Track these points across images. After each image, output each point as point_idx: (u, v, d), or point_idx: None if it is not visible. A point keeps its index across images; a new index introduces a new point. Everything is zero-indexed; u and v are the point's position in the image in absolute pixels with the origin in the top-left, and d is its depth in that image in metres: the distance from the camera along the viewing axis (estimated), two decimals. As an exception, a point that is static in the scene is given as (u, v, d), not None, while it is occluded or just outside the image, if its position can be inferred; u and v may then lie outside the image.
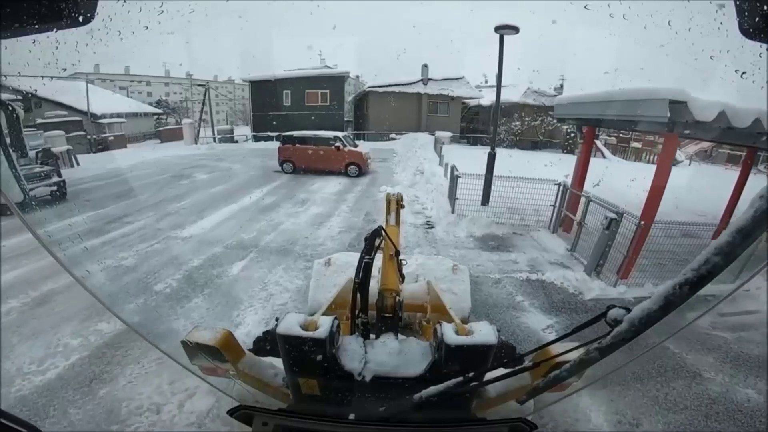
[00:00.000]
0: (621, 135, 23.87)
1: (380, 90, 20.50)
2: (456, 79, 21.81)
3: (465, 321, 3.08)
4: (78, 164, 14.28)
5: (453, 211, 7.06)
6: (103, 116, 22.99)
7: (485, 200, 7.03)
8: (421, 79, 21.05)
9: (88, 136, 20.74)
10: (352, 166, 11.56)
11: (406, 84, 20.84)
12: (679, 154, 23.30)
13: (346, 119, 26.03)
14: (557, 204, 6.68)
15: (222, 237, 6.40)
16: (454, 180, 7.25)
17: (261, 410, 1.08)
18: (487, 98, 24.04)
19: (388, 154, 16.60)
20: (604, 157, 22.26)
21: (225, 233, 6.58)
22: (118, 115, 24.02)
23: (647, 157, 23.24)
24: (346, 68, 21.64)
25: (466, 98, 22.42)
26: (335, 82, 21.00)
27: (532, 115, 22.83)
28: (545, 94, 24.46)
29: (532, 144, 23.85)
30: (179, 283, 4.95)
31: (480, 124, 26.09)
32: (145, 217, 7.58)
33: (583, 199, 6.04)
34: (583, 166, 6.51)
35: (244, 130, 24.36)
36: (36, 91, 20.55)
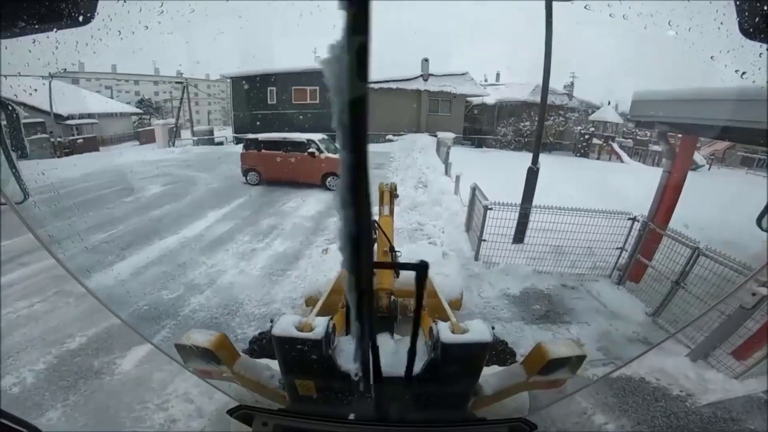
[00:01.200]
0: (638, 137, 21.89)
1: (375, 86, 18.31)
2: (459, 75, 19.72)
3: (459, 302, 2.95)
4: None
5: (477, 257, 4.94)
6: (72, 117, 20.96)
7: (520, 236, 4.91)
8: (421, 75, 18.92)
9: (52, 139, 18.74)
10: (330, 178, 9.09)
11: (403, 80, 18.68)
12: (699, 158, 21.40)
13: (340, 119, 24.04)
14: (629, 246, 4.59)
15: (132, 295, 4.32)
16: (473, 206, 5.17)
17: (261, 410, 1.07)
18: (492, 96, 22.08)
19: (384, 159, 14.50)
20: (621, 161, 20.31)
21: (141, 287, 4.49)
22: (90, 116, 22.00)
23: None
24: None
25: (470, 96, 20.33)
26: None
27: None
28: (555, 92, 22.55)
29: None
30: (38, 378, 3.02)
31: (484, 124, 24.08)
32: (57, 252, 5.47)
33: (674, 246, 3.96)
34: (673, 193, 4.32)
35: (227, 132, 22.19)
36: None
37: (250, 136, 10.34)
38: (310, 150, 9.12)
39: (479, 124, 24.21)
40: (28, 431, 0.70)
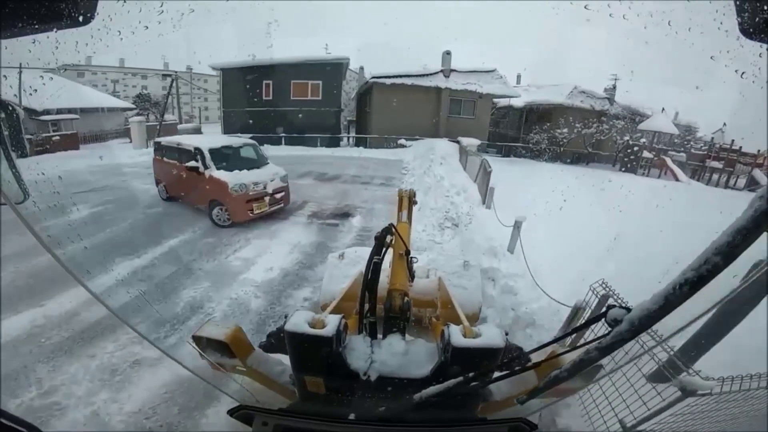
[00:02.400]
0: (693, 151, 18.64)
1: (387, 82, 15.58)
2: (486, 71, 16.85)
3: (476, 316, 2.93)
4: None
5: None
6: (47, 112, 18.81)
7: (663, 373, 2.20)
8: (442, 70, 16.11)
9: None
10: (218, 208, 6.20)
11: (421, 75, 15.90)
12: (760, 175, 18.14)
13: (348, 119, 21.43)
14: None
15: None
16: (580, 312, 2.42)
17: (261, 410, 1.07)
18: (521, 98, 19.16)
19: (394, 170, 11.73)
20: (676, 179, 17.10)
21: None
22: (69, 111, 19.85)
23: (730, 181, 17.95)
24: (344, 55, 16.76)
25: (498, 96, 17.44)
26: (330, 71, 16.20)
27: (582, 120, 17.85)
28: (595, 95, 19.62)
29: (575, 157, 18.99)
30: None
31: (509, 129, 21.18)
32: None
33: None
34: None
35: (217, 130, 19.76)
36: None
37: (158, 138, 7.86)
38: (189, 164, 6.30)
39: (503, 129, 21.35)
40: (28, 431, 0.70)
